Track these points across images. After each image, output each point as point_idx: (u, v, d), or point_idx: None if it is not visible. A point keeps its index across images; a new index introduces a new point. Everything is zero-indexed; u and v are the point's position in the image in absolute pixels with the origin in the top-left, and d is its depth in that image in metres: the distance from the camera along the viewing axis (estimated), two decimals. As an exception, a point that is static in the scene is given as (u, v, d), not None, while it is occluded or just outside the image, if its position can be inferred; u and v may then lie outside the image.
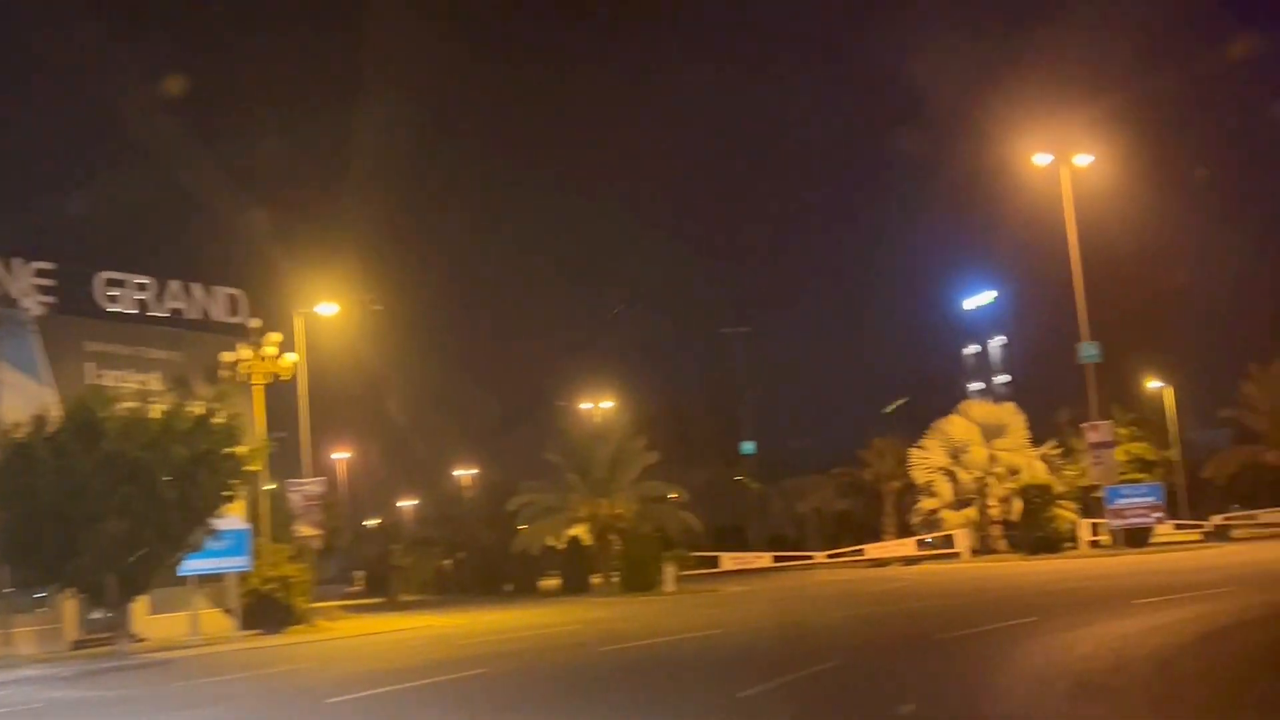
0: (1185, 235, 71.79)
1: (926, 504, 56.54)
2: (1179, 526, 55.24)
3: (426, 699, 17.30)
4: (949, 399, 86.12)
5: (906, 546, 55.40)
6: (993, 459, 54.75)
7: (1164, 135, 76.88)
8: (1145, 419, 60.99)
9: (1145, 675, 15.16)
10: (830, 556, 56.52)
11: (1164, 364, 65.67)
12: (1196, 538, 53.77)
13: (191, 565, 31.40)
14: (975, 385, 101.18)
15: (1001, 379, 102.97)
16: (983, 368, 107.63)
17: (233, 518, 32.29)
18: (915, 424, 62.27)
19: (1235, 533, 54.49)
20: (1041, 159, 49.90)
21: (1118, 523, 48.75)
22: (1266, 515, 55.48)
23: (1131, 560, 42.52)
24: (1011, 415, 56.11)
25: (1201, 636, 18.37)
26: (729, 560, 53.44)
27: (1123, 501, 48.81)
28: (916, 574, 45.89)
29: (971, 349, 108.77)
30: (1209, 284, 74.92)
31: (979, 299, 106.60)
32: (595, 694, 16.60)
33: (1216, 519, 55.19)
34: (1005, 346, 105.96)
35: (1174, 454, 61.67)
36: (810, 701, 14.61)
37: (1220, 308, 76.46)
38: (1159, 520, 49.58)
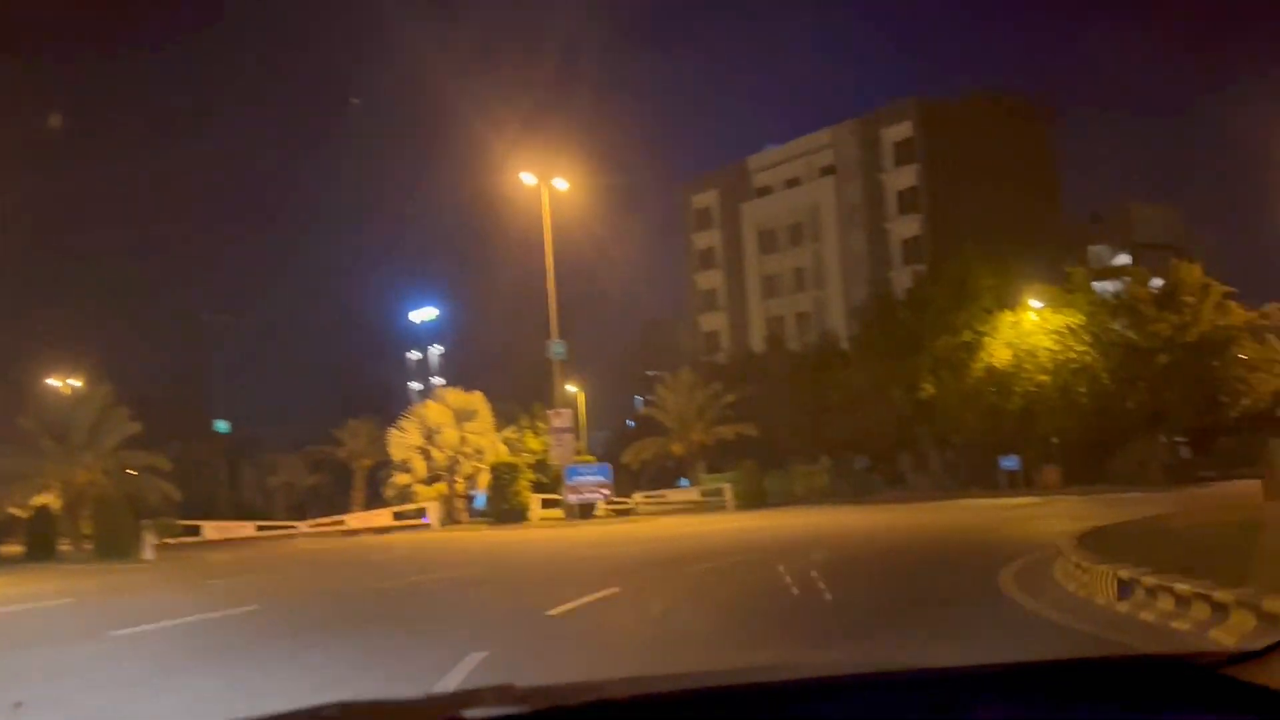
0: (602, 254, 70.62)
1: (401, 479, 49.91)
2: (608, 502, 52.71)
3: None
4: (400, 394, 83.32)
5: (384, 517, 48.42)
6: (463, 440, 49.39)
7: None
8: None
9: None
10: (313, 526, 48.05)
11: (579, 371, 64.55)
12: (609, 512, 51.29)
13: None
14: (415, 385, 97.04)
15: (438, 380, 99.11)
16: (424, 370, 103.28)
17: None
18: (379, 411, 58.70)
19: (641, 509, 52.66)
20: (528, 178, 46.05)
21: (574, 498, 45.16)
22: (672, 495, 54.66)
23: (597, 530, 38.68)
24: (480, 403, 51.10)
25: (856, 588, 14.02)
26: (211, 529, 43.51)
27: (578, 479, 45.33)
28: (405, 542, 39.06)
29: (414, 354, 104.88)
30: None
31: (423, 313, 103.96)
32: None
33: (638, 496, 53.30)
34: (443, 354, 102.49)
35: (582, 445, 59.72)
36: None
37: (631, 326, 77.02)
38: (606, 497, 46.58)
